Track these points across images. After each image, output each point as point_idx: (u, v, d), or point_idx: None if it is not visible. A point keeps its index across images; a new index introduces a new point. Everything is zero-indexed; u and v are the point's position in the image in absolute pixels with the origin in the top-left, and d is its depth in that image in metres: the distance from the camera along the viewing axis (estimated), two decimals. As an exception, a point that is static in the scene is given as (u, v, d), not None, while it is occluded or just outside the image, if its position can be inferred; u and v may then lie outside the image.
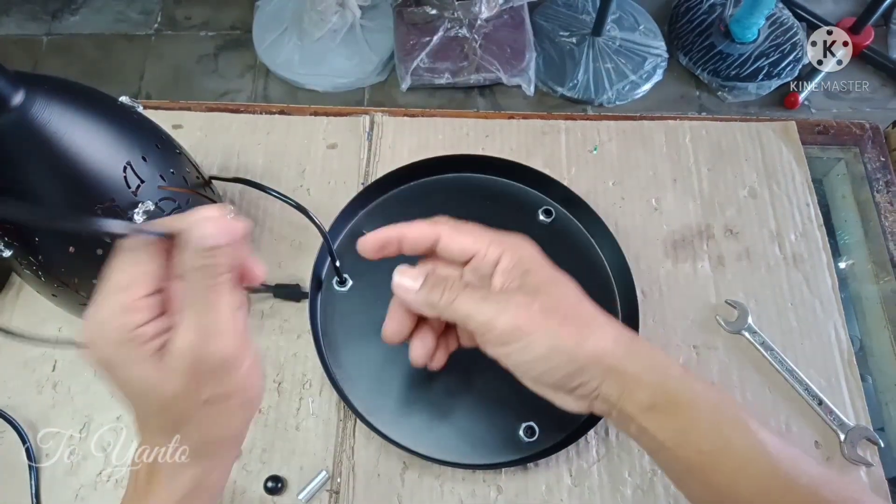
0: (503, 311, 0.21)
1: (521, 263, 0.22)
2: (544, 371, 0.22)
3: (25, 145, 0.24)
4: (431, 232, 0.23)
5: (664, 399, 0.21)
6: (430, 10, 1.04)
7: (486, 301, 0.22)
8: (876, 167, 0.43)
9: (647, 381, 0.21)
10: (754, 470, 0.20)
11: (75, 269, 0.28)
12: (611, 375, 0.21)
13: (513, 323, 0.21)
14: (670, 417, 0.21)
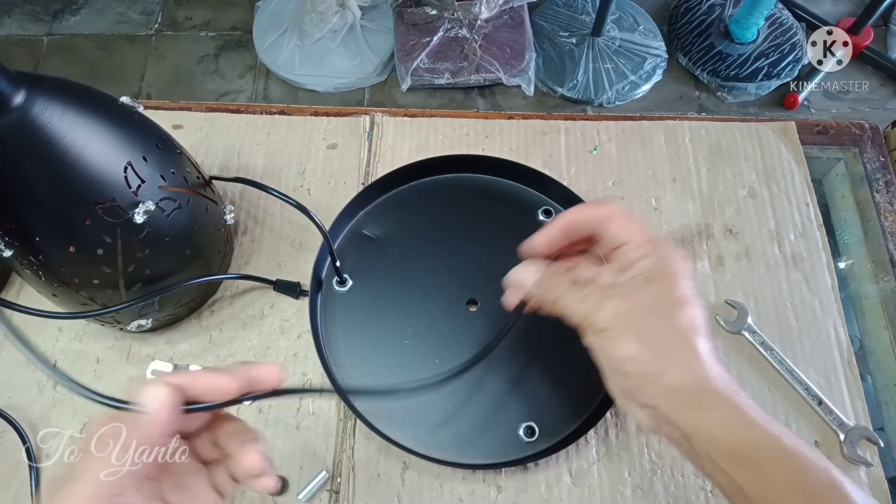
0: (599, 309, 0.22)
1: (658, 271, 0.22)
2: (622, 375, 0.22)
3: (26, 145, 0.24)
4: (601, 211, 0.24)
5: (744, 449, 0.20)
6: (430, 10, 1.04)
7: (584, 301, 0.23)
8: (875, 167, 0.43)
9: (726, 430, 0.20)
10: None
11: (76, 268, 0.28)
12: (685, 408, 0.21)
13: (608, 320, 0.22)
14: (751, 469, 0.20)
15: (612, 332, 0.22)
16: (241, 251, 0.38)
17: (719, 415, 0.21)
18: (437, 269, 0.36)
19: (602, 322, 0.22)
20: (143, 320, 0.32)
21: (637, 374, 0.22)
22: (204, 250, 0.33)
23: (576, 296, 0.23)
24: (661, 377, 0.21)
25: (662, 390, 0.21)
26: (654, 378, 0.21)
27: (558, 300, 0.24)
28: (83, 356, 0.35)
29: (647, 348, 0.21)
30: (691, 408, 0.21)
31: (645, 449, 0.33)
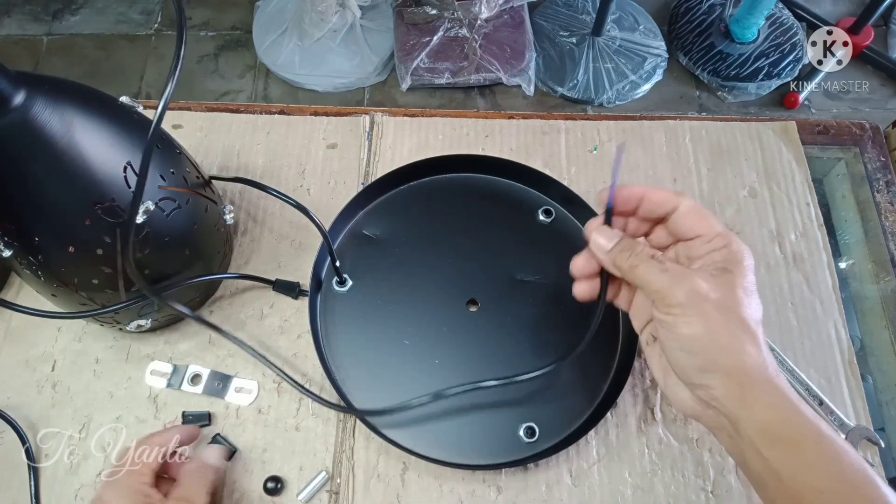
0: (679, 284, 0.23)
1: (730, 263, 0.23)
2: (682, 351, 0.23)
3: (26, 145, 0.24)
4: (674, 201, 0.25)
5: (787, 433, 0.21)
6: (430, 10, 1.04)
7: (665, 273, 0.24)
8: (876, 167, 0.43)
9: (772, 411, 0.21)
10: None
11: (75, 268, 0.28)
12: (738, 392, 0.22)
13: (684, 297, 0.23)
14: (790, 451, 0.21)
15: (686, 310, 0.22)
16: (241, 251, 0.38)
17: (769, 400, 0.22)
18: (437, 269, 0.36)
19: (678, 298, 0.23)
20: (143, 320, 0.32)
21: (703, 352, 0.22)
22: (203, 250, 0.33)
23: (655, 267, 0.24)
24: (725, 358, 0.22)
25: (723, 371, 0.22)
26: (720, 358, 0.22)
27: (637, 268, 0.24)
28: (83, 356, 0.35)
29: (718, 330, 0.22)
30: (746, 390, 0.22)
31: (645, 449, 0.33)
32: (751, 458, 0.22)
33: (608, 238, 0.26)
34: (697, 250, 0.24)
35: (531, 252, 0.37)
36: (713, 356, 0.22)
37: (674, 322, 0.23)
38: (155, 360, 0.34)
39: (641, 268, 0.24)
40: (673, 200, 0.25)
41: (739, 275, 0.23)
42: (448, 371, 0.34)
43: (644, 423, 0.33)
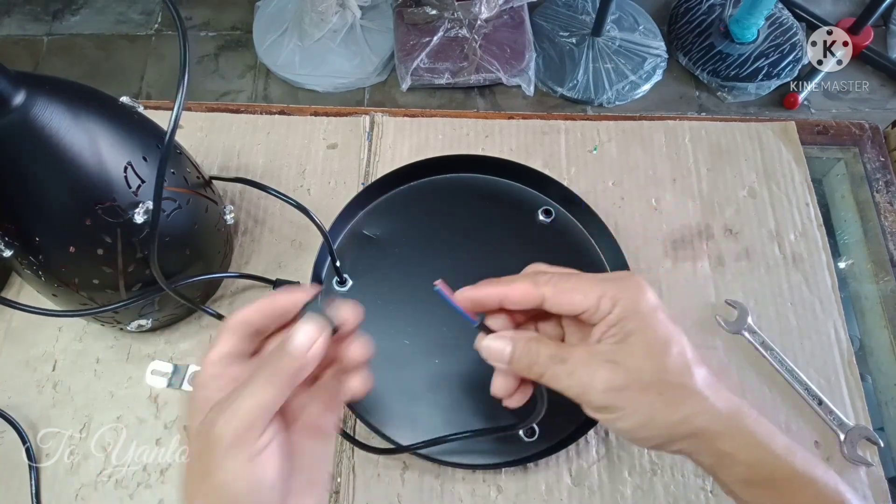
0: (592, 383, 0.21)
1: (629, 320, 0.21)
2: (641, 438, 0.22)
3: (26, 145, 0.24)
4: (535, 294, 0.22)
5: (761, 476, 0.21)
6: (430, 10, 1.04)
7: (572, 375, 0.21)
8: (875, 167, 0.43)
9: (743, 459, 0.21)
10: None
11: (76, 268, 0.28)
12: (705, 449, 0.21)
13: (604, 398, 0.21)
14: (767, 492, 0.21)
15: (612, 409, 0.21)
16: (241, 251, 0.38)
17: (739, 447, 0.21)
18: (437, 270, 0.36)
19: (599, 400, 0.21)
20: (144, 320, 0.32)
21: (655, 434, 0.21)
22: (204, 250, 0.33)
23: (562, 370, 0.22)
24: (680, 429, 0.21)
25: (685, 438, 0.21)
26: (675, 431, 0.21)
27: (544, 375, 0.22)
28: (83, 356, 0.35)
29: (653, 412, 0.21)
30: (715, 444, 0.21)
31: (645, 449, 0.33)
32: (732, 496, 0.22)
33: (500, 347, 0.23)
34: (590, 325, 0.22)
35: (531, 252, 0.37)
36: (667, 433, 0.21)
37: (608, 422, 0.22)
38: (155, 360, 0.34)
39: (548, 376, 0.22)
40: (533, 294, 0.22)
41: (644, 328, 0.21)
42: (448, 371, 0.34)
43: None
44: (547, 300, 0.22)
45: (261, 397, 0.19)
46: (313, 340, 0.20)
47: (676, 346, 0.21)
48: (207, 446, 0.19)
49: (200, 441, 0.19)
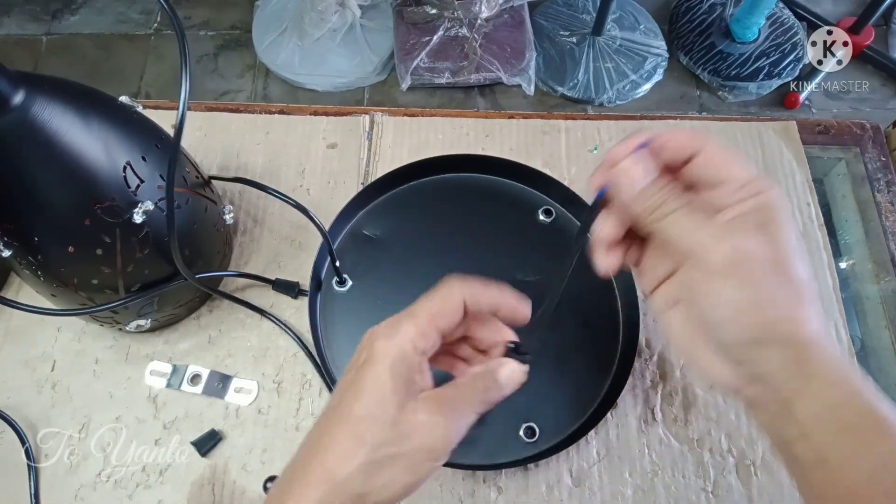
0: (723, 241, 0.19)
1: (770, 209, 0.19)
2: (731, 322, 0.19)
3: (26, 145, 0.24)
4: (695, 144, 0.20)
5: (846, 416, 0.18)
6: (430, 9, 1.04)
7: (704, 227, 0.19)
8: (876, 167, 0.43)
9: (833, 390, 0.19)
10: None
11: (75, 268, 0.28)
12: (792, 365, 0.19)
13: (731, 256, 0.19)
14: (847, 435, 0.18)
15: (729, 275, 0.19)
16: (241, 251, 0.38)
17: (831, 377, 0.19)
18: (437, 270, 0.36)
19: (720, 261, 0.19)
20: (142, 320, 0.32)
21: (755, 322, 0.19)
22: (203, 250, 0.33)
23: (690, 219, 0.19)
24: (781, 327, 0.19)
25: (780, 343, 0.19)
26: (775, 327, 0.19)
27: (667, 217, 0.20)
28: (82, 356, 0.35)
29: (771, 294, 0.18)
30: (805, 365, 0.19)
31: (646, 450, 0.33)
32: (796, 439, 0.19)
33: (641, 173, 0.20)
34: (724, 199, 0.19)
35: (531, 252, 0.37)
36: (767, 327, 0.19)
37: (716, 288, 0.19)
38: (154, 361, 0.34)
39: (672, 218, 0.20)
40: (695, 144, 0.20)
41: (781, 227, 0.19)
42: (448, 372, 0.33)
43: (644, 423, 0.33)
44: (705, 152, 0.20)
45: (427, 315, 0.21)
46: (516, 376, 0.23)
47: (803, 260, 0.19)
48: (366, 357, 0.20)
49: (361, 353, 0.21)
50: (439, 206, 0.38)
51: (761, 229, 0.19)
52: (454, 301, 0.22)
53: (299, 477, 0.20)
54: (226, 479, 0.32)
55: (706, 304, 0.20)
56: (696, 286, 0.20)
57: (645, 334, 0.35)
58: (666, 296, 0.22)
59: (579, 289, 0.36)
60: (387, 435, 0.19)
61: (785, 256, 0.19)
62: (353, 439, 0.19)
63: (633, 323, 0.34)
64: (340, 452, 0.19)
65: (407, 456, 0.20)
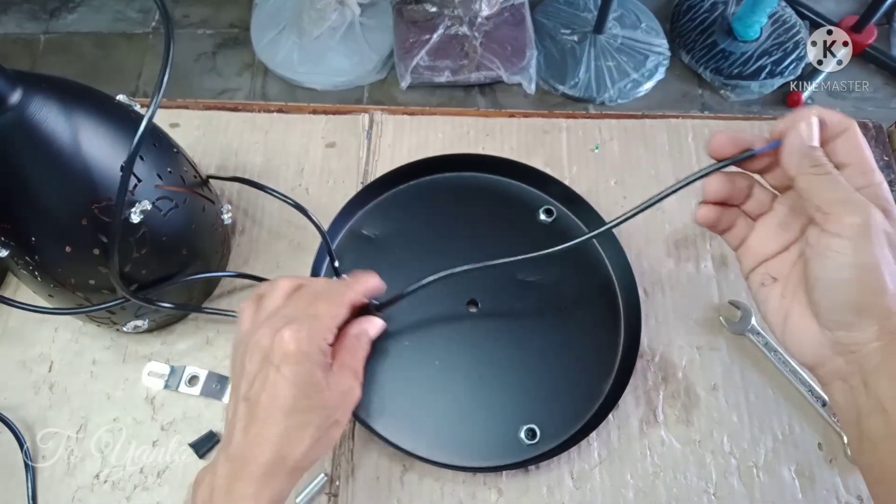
0: (861, 207, 0.20)
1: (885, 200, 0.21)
2: (846, 283, 0.21)
3: (23, 144, 0.23)
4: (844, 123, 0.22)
5: None
6: (431, 7, 1.04)
7: (848, 190, 0.21)
8: (879, 166, 0.43)
9: None
10: None
11: (72, 268, 0.28)
12: (889, 341, 0.20)
13: (866, 222, 0.20)
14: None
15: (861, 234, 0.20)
16: (239, 251, 0.38)
17: None
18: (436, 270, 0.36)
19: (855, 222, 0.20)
20: (140, 321, 0.32)
21: (866, 288, 0.20)
22: (201, 250, 0.33)
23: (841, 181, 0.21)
24: (886, 301, 0.20)
25: (880, 315, 0.20)
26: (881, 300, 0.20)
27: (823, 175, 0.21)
28: (80, 357, 0.34)
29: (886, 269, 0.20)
30: (891, 342, 0.20)
31: (647, 451, 0.33)
32: (870, 414, 0.20)
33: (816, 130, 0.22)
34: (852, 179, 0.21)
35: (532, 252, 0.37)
36: (875, 295, 0.20)
37: (844, 246, 0.20)
38: (152, 361, 0.34)
39: (828, 177, 0.21)
40: (844, 123, 0.22)
41: (893, 215, 0.21)
42: (448, 371, 0.33)
43: (646, 424, 0.33)
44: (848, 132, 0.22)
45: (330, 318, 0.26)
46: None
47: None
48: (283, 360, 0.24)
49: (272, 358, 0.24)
50: (439, 205, 0.38)
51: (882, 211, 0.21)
52: (347, 306, 0.27)
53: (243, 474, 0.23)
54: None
55: (823, 265, 0.21)
56: (820, 248, 0.21)
57: (647, 335, 0.35)
58: (760, 274, 0.24)
59: (580, 289, 0.36)
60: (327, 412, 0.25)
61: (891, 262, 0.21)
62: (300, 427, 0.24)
63: (635, 324, 0.34)
64: (288, 442, 0.24)
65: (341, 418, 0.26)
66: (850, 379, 0.21)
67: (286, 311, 0.26)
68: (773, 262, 0.24)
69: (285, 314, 0.25)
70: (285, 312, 0.26)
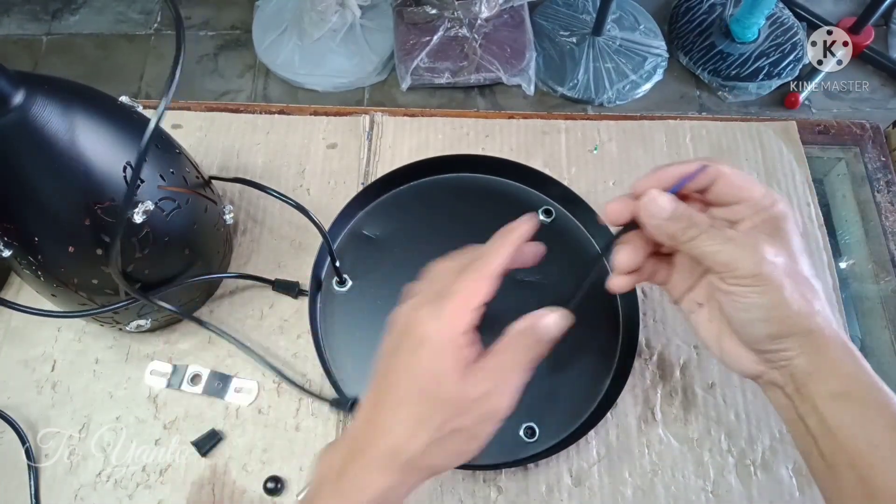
0: (747, 254, 0.22)
1: (780, 220, 0.23)
2: (758, 321, 0.22)
3: (25, 144, 0.24)
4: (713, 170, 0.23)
5: (852, 391, 0.21)
6: (430, 9, 1.04)
7: (730, 242, 0.22)
8: (876, 167, 0.43)
9: (841, 370, 0.22)
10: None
11: (75, 268, 0.28)
12: (810, 351, 0.22)
13: (755, 269, 0.22)
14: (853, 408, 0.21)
15: (758, 280, 0.21)
16: (241, 251, 0.38)
17: (840, 357, 0.22)
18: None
19: (749, 268, 0.21)
20: (143, 320, 0.32)
21: (778, 320, 0.22)
22: (203, 250, 0.33)
23: (716, 237, 0.22)
24: (800, 322, 0.22)
25: (799, 335, 0.22)
26: (796, 323, 0.22)
27: (698, 237, 0.22)
28: (82, 356, 0.35)
29: (791, 295, 0.22)
30: (820, 350, 0.22)
31: (646, 450, 0.33)
32: (808, 414, 0.22)
33: (666, 203, 0.23)
34: (741, 213, 0.23)
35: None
36: (789, 322, 0.22)
37: (744, 293, 0.22)
38: (154, 361, 0.34)
39: (702, 238, 0.22)
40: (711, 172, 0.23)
41: (789, 233, 0.23)
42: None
43: (644, 423, 0.33)
44: (724, 177, 0.23)
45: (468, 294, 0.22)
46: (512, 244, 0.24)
47: (807, 260, 0.23)
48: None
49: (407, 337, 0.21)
50: (439, 206, 0.38)
51: (774, 236, 0.22)
52: (491, 277, 0.23)
53: (358, 458, 0.21)
54: (226, 479, 0.32)
55: (733, 307, 0.23)
56: (723, 294, 0.23)
57: (645, 334, 0.35)
58: (692, 300, 0.25)
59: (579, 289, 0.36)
60: (449, 412, 0.21)
61: (795, 259, 0.22)
62: (417, 421, 0.21)
63: (633, 323, 0.34)
64: (404, 433, 0.21)
65: (469, 428, 0.22)
66: (785, 386, 0.23)
67: (435, 285, 0.23)
68: (695, 292, 0.25)
69: (431, 290, 0.23)
70: (433, 288, 0.23)
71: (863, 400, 0.21)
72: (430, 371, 0.21)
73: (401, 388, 0.21)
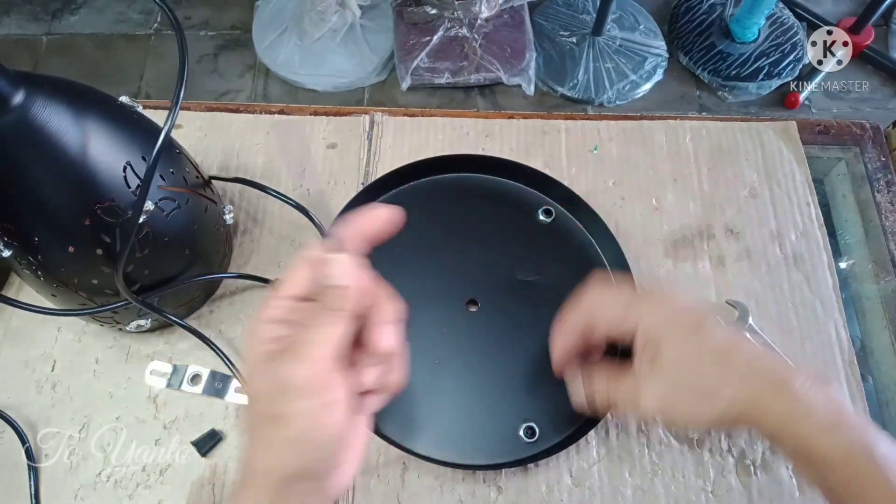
0: (644, 403, 0.25)
1: (652, 339, 0.25)
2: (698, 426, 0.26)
3: (25, 145, 0.24)
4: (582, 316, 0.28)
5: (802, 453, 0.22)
6: (430, 9, 1.04)
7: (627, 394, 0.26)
8: (876, 167, 0.43)
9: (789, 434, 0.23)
10: None
11: (75, 269, 0.28)
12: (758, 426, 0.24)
13: (655, 409, 0.25)
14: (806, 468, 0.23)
15: (664, 413, 0.25)
16: (241, 251, 0.38)
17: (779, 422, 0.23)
18: (437, 270, 0.36)
19: (652, 411, 0.25)
20: (143, 320, 0.32)
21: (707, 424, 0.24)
22: (203, 250, 0.33)
23: (620, 394, 0.26)
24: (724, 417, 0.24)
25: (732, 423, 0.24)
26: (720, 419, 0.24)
27: (615, 404, 0.27)
28: (82, 356, 0.35)
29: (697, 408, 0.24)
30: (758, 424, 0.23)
31: (646, 450, 0.33)
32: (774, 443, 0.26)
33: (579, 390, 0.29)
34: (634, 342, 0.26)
35: (531, 252, 0.37)
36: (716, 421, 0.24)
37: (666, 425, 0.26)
38: (154, 360, 0.34)
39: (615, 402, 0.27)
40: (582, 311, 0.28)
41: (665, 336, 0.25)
42: (448, 370, 0.33)
43: (644, 423, 0.33)
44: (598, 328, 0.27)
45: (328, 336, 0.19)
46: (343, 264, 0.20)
47: (700, 343, 0.25)
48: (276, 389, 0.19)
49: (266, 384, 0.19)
50: (439, 206, 0.38)
51: (654, 367, 0.25)
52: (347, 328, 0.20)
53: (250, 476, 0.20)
54: (226, 479, 0.32)
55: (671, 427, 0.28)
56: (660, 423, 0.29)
57: (645, 334, 0.35)
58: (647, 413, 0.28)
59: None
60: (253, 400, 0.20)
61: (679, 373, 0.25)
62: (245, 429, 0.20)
63: (633, 323, 0.34)
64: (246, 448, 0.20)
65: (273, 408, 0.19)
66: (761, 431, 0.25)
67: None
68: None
69: None
70: None
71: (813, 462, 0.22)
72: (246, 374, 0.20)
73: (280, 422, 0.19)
